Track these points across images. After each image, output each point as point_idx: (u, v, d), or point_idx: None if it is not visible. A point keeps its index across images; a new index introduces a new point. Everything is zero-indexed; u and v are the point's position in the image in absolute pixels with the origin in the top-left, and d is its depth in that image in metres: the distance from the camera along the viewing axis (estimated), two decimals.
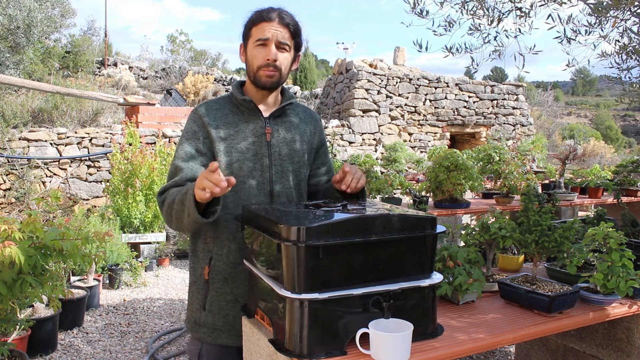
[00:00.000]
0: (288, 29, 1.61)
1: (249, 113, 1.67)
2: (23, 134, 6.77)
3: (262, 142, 1.65)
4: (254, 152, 1.64)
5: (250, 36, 1.62)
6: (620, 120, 38.63)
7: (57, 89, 7.52)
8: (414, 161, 6.41)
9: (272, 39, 1.59)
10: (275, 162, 1.66)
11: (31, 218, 2.28)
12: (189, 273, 1.75)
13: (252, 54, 1.62)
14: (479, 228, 1.96)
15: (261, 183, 1.64)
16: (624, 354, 2.02)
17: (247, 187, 1.62)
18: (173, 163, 1.65)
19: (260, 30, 1.59)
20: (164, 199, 1.60)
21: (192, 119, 1.67)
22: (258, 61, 1.61)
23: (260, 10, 1.63)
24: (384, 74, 10.14)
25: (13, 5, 9.32)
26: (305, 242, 1.17)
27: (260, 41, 1.59)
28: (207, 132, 1.63)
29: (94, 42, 13.79)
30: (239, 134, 1.64)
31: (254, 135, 1.65)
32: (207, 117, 1.64)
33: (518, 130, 11.44)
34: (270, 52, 1.59)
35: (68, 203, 6.64)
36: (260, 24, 1.60)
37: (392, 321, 1.26)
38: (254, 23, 1.61)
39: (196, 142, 1.63)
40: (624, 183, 4.69)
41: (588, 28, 2.15)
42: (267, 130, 1.66)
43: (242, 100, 1.65)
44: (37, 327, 3.19)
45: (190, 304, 1.71)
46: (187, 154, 1.63)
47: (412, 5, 2.24)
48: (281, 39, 1.60)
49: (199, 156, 1.63)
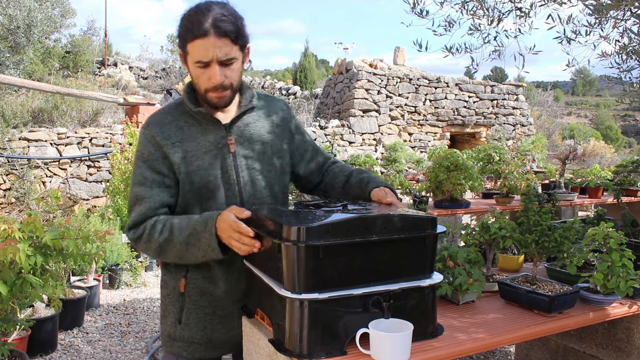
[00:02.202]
0: (228, 38, 1.36)
1: (206, 123, 1.50)
2: (23, 134, 6.77)
3: (225, 154, 1.49)
4: (219, 167, 1.48)
5: (187, 52, 1.41)
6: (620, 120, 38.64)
7: (57, 89, 7.52)
8: (414, 161, 6.41)
9: (213, 59, 1.37)
10: (242, 174, 1.51)
11: (31, 218, 2.28)
12: (161, 286, 1.64)
13: (194, 74, 1.43)
14: (479, 228, 1.96)
15: (230, 198, 1.49)
16: (624, 354, 2.02)
17: (216, 205, 1.48)
18: (133, 190, 1.48)
19: (197, 51, 1.37)
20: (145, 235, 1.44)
21: (145, 138, 1.49)
22: (203, 84, 1.42)
23: (191, 22, 1.36)
24: (384, 74, 10.14)
25: (13, 5, 9.32)
26: (306, 242, 1.17)
27: (199, 64, 1.38)
28: (164, 152, 1.46)
29: (94, 42, 13.79)
30: (199, 149, 1.47)
31: (215, 148, 1.48)
32: (160, 135, 1.46)
33: (518, 130, 11.44)
34: (214, 75, 1.39)
35: (68, 203, 6.64)
36: (194, 42, 1.36)
37: (392, 321, 1.26)
38: (188, 40, 1.37)
39: (155, 164, 1.47)
40: (624, 183, 4.69)
41: (588, 28, 2.15)
42: (229, 141, 1.50)
43: (197, 112, 1.48)
44: (37, 327, 3.19)
45: (164, 317, 1.60)
46: (147, 179, 1.46)
47: (412, 5, 2.24)
48: (223, 55, 1.37)
49: (162, 178, 1.47)
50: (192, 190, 1.48)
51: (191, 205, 1.49)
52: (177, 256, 1.44)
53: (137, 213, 1.46)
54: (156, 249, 1.44)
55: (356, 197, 1.64)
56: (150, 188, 1.46)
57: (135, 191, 1.48)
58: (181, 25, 1.40)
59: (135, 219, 1.47)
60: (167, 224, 1.44)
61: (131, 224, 1.48)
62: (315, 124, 9.81)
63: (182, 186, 1.48)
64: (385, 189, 1.58)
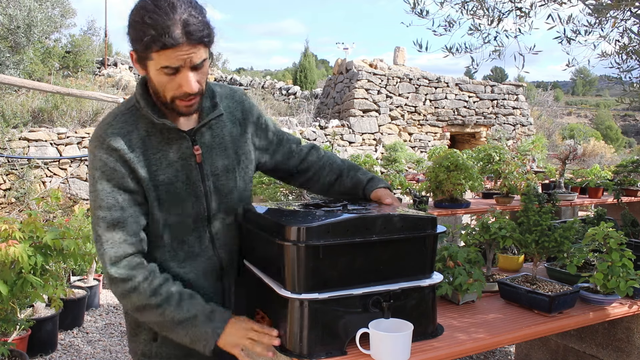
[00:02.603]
0: (201, 44, 1.20)
1: (169, 132, 1.33)
2: (23, 134, 6.77)
3: (191, 166, 1.35)
4: (183, 179, 1.34)
5: (149, 58, 1.20)
6: (620, 120, 38.65)
7: (57, 89, 7.52)
8: (414, 161, 6.42)
9: (186, 64, 1.20)
10: (208, 183, 1.38)
11: (31, 218, 2.28)
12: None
13: (159, 81, 1.23)
14: (479, 228, 1.96)
15: (197, 212, 1.37)
16: (624, 354, 2.02)
17: (183, 219, 1.36)
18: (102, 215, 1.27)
19: (165, 59, 1.18)
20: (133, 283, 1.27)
21: (105, 154, 1.28)
22: (170, 91, 1.24)
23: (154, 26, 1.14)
24: (384, 74, 10.14)
25: (13, 5, 9.32)
26: (306, 242, 1.17)
27: (168, 69, 1.20)
28: (131, 167, 1.28)
29: (94, 42, 13.79)
30: (163, 161, 1.32)
31: (180, 159, 1.34)
32: (122, 149, 1.28)
33: (518, 130, 11.44)
34: (187, 83, 1.22)
35: (68, 203, 6.64)
36: (163, 52, 1.16)
37: (392, 321, 1.26)
38: (150, 48, 1.16)
39: (122, 182, 1.28)
40: (624, 183, 4.69)
41: (588, 28, 2.15)
42: (196, 151, 1.35)
43: (161, 124, 1.30)
44: (37, 327, 3.19)
45: (135, 335, 1.44)
46: (117, 200, 1.28)
47: (412, 5, 2.24)
48: (197, 59, 1.21)
49: (133, 197, 1.30)
50: (157, 203, 1.33)
51: (155, 216, 1.34)
52: (156, 324, 1.30)
53: (118, 242, 1.27)
54: (138, 307, 1.27)
55: (346, 194, 1.60)
56: (122, 210, 1.28)
57: (104, 215, 1.27)
58: (140, 27, 1.16)
59: (117, 252, 1.27)
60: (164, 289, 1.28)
61: (113, 258, 1.27)
62: (315, 124, 9.81)
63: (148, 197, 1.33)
64: (386, 191, 1.56)
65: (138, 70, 1.27)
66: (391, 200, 1.51)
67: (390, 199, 1.51)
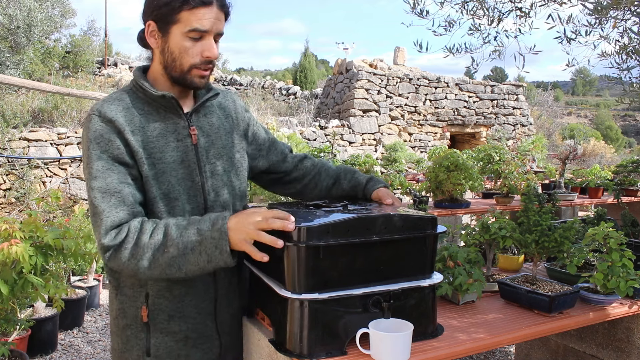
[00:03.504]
0: (224, 14, 1.30)
1: (165, 111, 1.34)
2: (23, 134, 6.77)
3: (187, 146, 1.34)
4: (180, 159, 1.33)
5: (176, 21, 1.24)
6: (620, 120, 38.66)
7: (57, 89, 7.53)
8: (414, 161, 6.42)
9: (212, 30, 1.26)
10: (205, 167, 1.36)
11: (32, 218, 2.29)
12: (114, 315, 1.39)
13: (181, 47, 1.26)
14: (479, 228, 1.96)
15: (192, 196, 1.34)
16: (624, 354, 2.02)
17: (180, 202, 1.33)
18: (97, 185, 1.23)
19: (196, 18, 1.23)
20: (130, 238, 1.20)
21: (99, 125, 1.26)
22: (192, 58, 1.28)
23: None
24: (384, 74, 10.14)
25: (13, 5, 9.33)
26: (306, 242, 1.17)
27: (195, 32, 1.25)
28: (125, 139, 1.26)
29: (94, 42, 13.79)
30: (160, 139, 1.31)
31: (176, 139, 1.33)
32: (117, 121, 1.26)
33: (518, 130, 11.45)
34: (211, 49, 1.27)
35: (68, 203, 6.64)
36: (196, 10, 1.23)
37: (392, 321, 1.26)
38: (186, 5, 1.23)
39: (117, 153, 1.26)
40: (624, 183, 4.69)
41: (588, 28, 2.15)
42: (192, 131, 1.35)
43: (160, 97, 1.31)
44: (37, 327, 3.19)
45: (125, 351, 1.36)
46: (112, 170, 1.25)
47: (412, 5, 2.24)
48: (220, 29, 1.29)
49: (129, 170, 1.28)
50: (152, 184, 1.30)
51: (150, 198, 1.31)
52: (169, 265, 1.19)
53: (113, 210, 1.21)
54: (146, 257, 1.19)
55: (345, 198, 1.61)
56: (118, 181, 1.24)
57: (100, 185, 1.23)
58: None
59: (113, 220, 1.21)
60: (160, 224, 1.22)
61: (108, 226, 1.20)
62: (315, 124, 9.81)
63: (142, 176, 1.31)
64: (387, 190, 1.57)
65: (152, 43, 1.30)
66: (392, 200, 1.52)
67: (391, 199, 1.52)
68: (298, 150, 5.84)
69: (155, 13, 1.26)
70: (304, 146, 6.02)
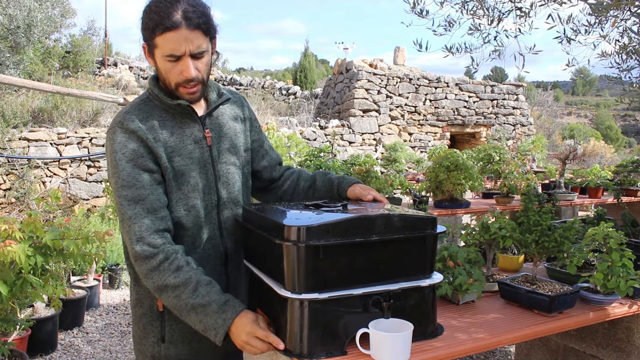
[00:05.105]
0: (200, 30, 1.32)
1: (181, 116, 1.44)
2: (23, 134, 6.77)
3: (203, 148, 1.45)
4: (197, 161, 1.44)
5: (155, 45, 1.33)
6: (620, 120, 38.65)
7: (57, 89, 7.52)
8: (414, 161, 6.42)
9: (185, 52, 1.32)
10: (218, 168, 1.48)
11: (31, 218, 2.28)
12: (133, 304, 1.51)
13: (164, 68, 1.36)
14: (479, 228, 1.96)
15: (207, 194, 1.46)
16: (624, 354, 2.02)
17: (198, 200, 1.44)
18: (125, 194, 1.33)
19: (167, 44, 1.31)
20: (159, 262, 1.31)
21: (123, 137, 1.36)
22: (174, 77, 1.36)
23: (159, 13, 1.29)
24: (384, 74, 10.14)
25: (13, 5, 9.32)
26: (306, 242, 1.17)
27: (171, 57, 1.33)
28: (149, 147, 1.37)
29: (94, 42, 13.78)
30: (179, 143, 1.42)
31: (193, 142, 1.44)
32: (140, 131, 1.37)
33: (518, 130, 11.44)
34: (187, 69, 1.34)
35: (68, 203, 6.64)
36: (165, 35, 1.30)
37: (392, 321, 1.26)
38: (157, 32, 1.30)
39: (142, 161, 1.36)
40: (624, 183, 4.69)
41: (588, 28, 2.15)
42: (207, 134, 1.46)
43: (176, 105, 1.40)
44: (37, 327, 3.19)
45: (143, 337, 1.48)
46: (137, 180, 1.34)
47: (412, 5, 2.24)
48: (195, 48, 1.33)
49: (153, 175, 1.38)
50: (172, 184, 1.41)
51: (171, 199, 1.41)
52: (172, 307, 1.32)
53: (141, 218, 1.32)
54: (159, 286, 1.31)
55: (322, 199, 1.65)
56: (144, 188, 1.34)
57: (126, 194, 1.33)
58: (147, 16, 1.32)
59: (141, 227, 1.32)
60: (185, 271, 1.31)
61: (138, 234, 1.32)
62: (315, 124, 9.81)
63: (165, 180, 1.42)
64: (363, 186, 1.60)
65: (150, 62, 1.40)
66: (373, 195, 1.54)
67: (371, 195, 1.54)
68: (298, 150, 5.85)
69: (143, 36, 1.37)
70: (304, 146, 6.02)
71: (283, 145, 5.79)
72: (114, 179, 1.36)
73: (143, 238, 1.32)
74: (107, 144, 1.39)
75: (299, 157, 5.48)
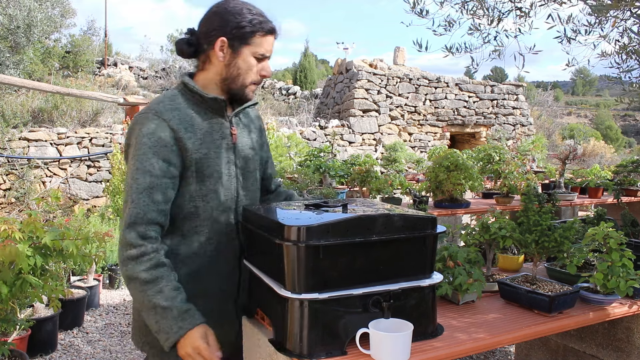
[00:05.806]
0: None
1: (212, 112, 1.49)
2: (23, 134, 6.77)
3: (229, 145, 1.52)
4: (223, 154, 1.50)
5: (249, 44, 1.43)
6: (620, 120, 38.66)
7: (57, 89, 7.52)
8: (414, 161, 6.41)
9: (269, 55, 1.48)
10: (240, 165, 1.55)
11: (31, 218, 2.28)
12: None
13: (247, 65, 1.45)
14: (479, 228, 1.96)
15: (228, 189, 1.51)
16: (624, 354, 2.02)
17: (219, 194, 1.49)
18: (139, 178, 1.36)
19: (265, 44, 1.45)
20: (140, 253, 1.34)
21: (153, 124, 1.39)
22: (253, 76, 1.47)
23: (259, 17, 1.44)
24: (384, 74, 10.14)
25: (13, 5, 9.32)
26: (306, 242, 1.17)
27: (261, 57, 1.46)
28: (178, 137, 1.41)
29: (94, 42, 13.79)
30: (207, 137, 1.46)
31: (221, 138, 1.50)
32: (173, 120, 1.41)
33: (518, 130, 11.44)
34: (268, 69, 1.49)
35: (68, 203, 6.64)
36: (268, 37, 1.45)
37: (392, 321, 1.26)
38: (259, 32, 1.43)
39: (164, 152, 1.39)
40: (624, 183, 4.69)
41: (588, 28, 2.15)
42: (233, 131, 1.53)
43: (212, 99, 1.46)
44: (37, 327, 3.19)
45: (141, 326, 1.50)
46: (154, 168, 1.38)
47: (412, 4, 2.24)
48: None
49: (169, 168, 1.40)
50: (195, 175, 1.45)
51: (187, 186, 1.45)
52: (135, 299, 1.38)
53: (141, 206, 1.35)
54: (130, 275, 1.35)
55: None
56: (155, 177, 1.37)
57: (138, 178, 1.36)
58: (246, 13, 1.42)
59: (138, 215, 1.35)
60: (159, 270, 1.35)
61: (132, 219, 1.35)
62: (315, 124, 9.81)
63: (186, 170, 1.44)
64: None
65: (220, 56, 1.43)
66: None
67: None
68: (298, 150, 5.85)
69: (232, 32, 1.42)
70: (304, 146, 6.02)
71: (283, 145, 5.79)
72: (133, 161, 1.39)
73: (136, 224, 1.35)
74: (134, 128, 1.41)
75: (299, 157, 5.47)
